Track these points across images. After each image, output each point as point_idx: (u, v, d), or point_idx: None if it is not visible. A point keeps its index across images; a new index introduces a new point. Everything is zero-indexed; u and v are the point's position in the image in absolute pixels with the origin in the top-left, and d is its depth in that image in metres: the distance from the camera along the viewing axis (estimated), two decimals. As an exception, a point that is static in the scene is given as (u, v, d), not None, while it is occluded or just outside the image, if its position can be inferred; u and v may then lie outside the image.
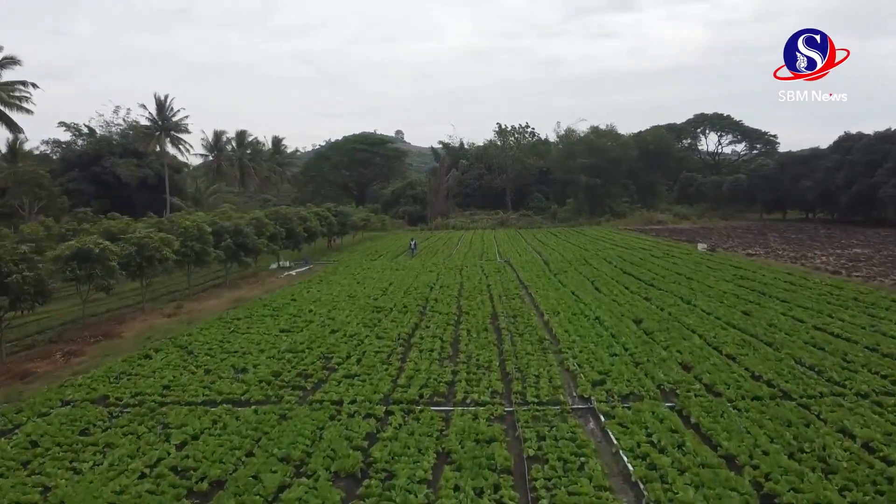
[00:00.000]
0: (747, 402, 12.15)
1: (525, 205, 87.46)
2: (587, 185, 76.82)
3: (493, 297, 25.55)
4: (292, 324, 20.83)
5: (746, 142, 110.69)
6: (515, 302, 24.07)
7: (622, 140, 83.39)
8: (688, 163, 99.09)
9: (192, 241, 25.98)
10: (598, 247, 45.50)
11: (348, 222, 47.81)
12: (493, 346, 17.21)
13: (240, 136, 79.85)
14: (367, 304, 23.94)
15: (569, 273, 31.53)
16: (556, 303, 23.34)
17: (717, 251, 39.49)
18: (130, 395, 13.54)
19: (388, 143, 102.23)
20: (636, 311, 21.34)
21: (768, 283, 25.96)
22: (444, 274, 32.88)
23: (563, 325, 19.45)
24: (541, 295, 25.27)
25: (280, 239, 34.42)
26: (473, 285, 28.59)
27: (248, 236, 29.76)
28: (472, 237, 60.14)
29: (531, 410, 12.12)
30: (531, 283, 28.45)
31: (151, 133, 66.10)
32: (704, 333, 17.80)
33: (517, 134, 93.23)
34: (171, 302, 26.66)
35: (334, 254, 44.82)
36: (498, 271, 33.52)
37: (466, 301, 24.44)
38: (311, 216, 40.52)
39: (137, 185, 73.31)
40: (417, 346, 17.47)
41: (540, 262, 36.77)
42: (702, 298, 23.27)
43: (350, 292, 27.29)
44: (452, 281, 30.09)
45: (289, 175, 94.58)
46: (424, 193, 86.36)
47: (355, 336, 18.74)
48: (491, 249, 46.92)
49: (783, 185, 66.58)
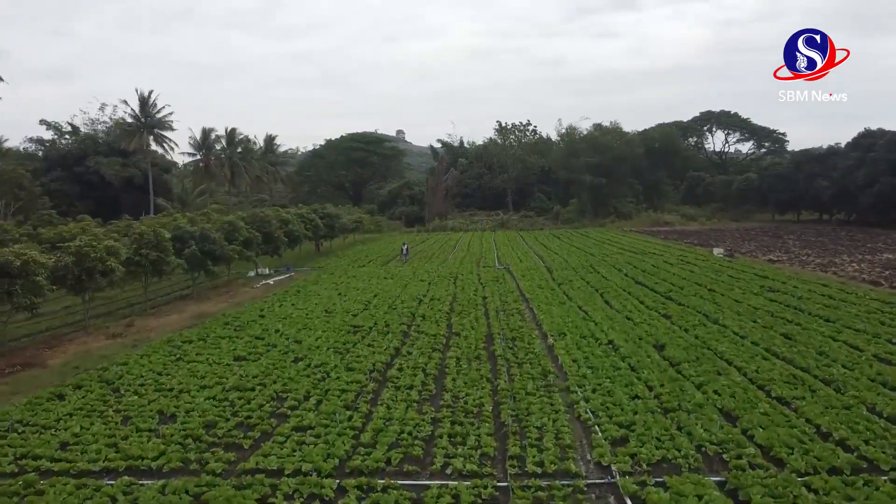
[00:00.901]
0: (823, 479, 8.99)
1: (526, 205, 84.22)
2: (591, 185, 73.55)
3: (490, 312, 22.43)
4: (251, 349, 17.71)
5: (754, 140, 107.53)
6: (514, 319, 20.93)
7: (627, 137, 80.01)
8: (694, 162, 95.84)
9: (146, 249, 22.85)
10: (605, 251, 42.30)
11: (337, 225, 44.60)
12: (486, 382, 14.08)
13: (230, 133, 76.72)
14: (344, 323, 20.80)
15: (574, 283, 28.37)
16: (562, 321, 20.19)
17: (736, 257, 36.28)
18: (11, 461, 10.42)
19: (385, 142, 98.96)
20: (656, 332, 18.18)
21: (803, 297, 22.74)
22: (437, 283, 29.74)
23: (570, 352, 16.30)
24: (543, 310, 22.13)
25: (256, 244, 31.29)
26: (468, 297, 25.46)
27: (217, 242, 26.60)
28: (470, 240, 56.99)
29: (533, 489, 9.00)
30: (533, 296, 25.29)
31: (134, 130, 62.95)
32: (743, 366, 14.62)
33: (518, 132, 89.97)
34: (125, 318, 23.56)
35: (321, 259, 41.69)
36: (496, 280, 30.38)
37: (458, 318, 21.29)
38: (295, 219, 37.38)
39: (123, 185, 70.37)
40: (394, 381, 14.35)
41: (542, 269, 33.61)
42: (730, 316, 20.09)
43: (328, 306, 24.16)
44: (445, 292, 26.94)
45: (282, 175, 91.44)
46: (422, 194, 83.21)
47: (322, 367, 15.62)
48: (490, 254, 43.77)
49: (798, 184, 63.29)
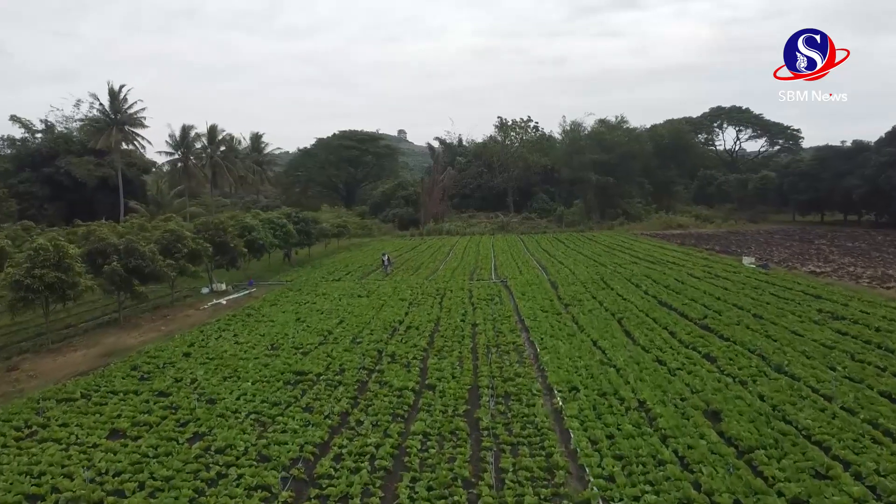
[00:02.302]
0: None
1: (528, 206, 79.06)
2: (597, 184, 68.37)
3: (479, 347, 17.51)
4: (143, 413, 12.80)
5: (767, 137, 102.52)
6: (509, 362, 15.99)
7: (635, 133, 74.75)
8: (705, 159, 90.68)
9: (43, 269, 17.93)
10: (617, 259, 37.24)
11: (314, 231, 39.60)
12: (460, 489, 9.15)
13: (211, 131, 71.60)
14: (287, 367, 15.86)
15: (584, 303, 23.37)
16: (572, 365, 15.25)
17: (771, 268, 31.20)
18: None
19: (378, 140, 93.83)
20: (702, 388, 13.19)
21: (883, 329, 17.69)
22: (420, 303, 24.79)
23: (586, 425, 11.39)
24: (548, 346, 17.19)
25: (204, 256, 26.36)
26: (454, 325, 20.50)
27: (146, 257, 21.66)
28: (466, 245, 51.98)
29: None
30: (534, 323, 20.31)
31: (103, 127, 58.13)
32: (853, 460, 9.63)
33: (519, 128, 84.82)
34: (19, 355, 18.64)
35: (293, 270, 36.71)
36: (491, 299, 25.42)
37: (437, 360, 16.34)
38: (260, 225, 32.43)
39: (97, 186, 65.74)
40: (321, 485, 9.43)
41: (545, 284, 28.62)
42: (796, 359, 15.07)
43: (277, 338, 19.22)
44: (426, 317, 21.97)
45: (270, 175, 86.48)
46: (417, 195, 78.13)
47: (223, 452, 10.70)
48: (486, 263, 38.78)
49: (823, 183, 58.09)
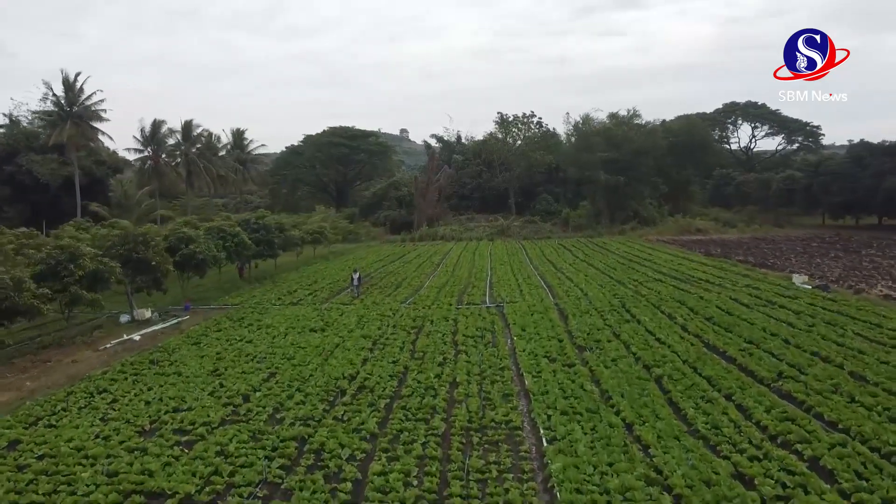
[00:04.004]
0: None
1: (531, 208, 72.87)
2: (607, 184, 62.14)
3: (454, 435, 11.54)
4: None
5: (784, 134, 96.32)
6: (500, 465, 10.02)
7: (648, 128, 68.45)
8: (721, 158, 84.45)
9: None
10: (636, 275, 31.17)
11: (277, 239, 33.58)
12: None
13: (186, 126, 65.80)
14: (136, 487, 9.91)
15: (606, 349, 17.37)
16: (598, 484, 9.31)
17: (832, 290, 25.10)
18: None
19: (370, 137, 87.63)
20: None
21: None
22: (387, 344, 18.82)
23: None
24: (559, 436, 11.29)
25: (112, 278, 20.44)
26: (425, 385, 14.58)
27: (7, 286, 15.71)
28: (461, 253, 45.98)
29: None
30: (538, 384, 14.33)
31: (56, 120, 52.33)
32: None
33: (521, 124, 78.60)
34: None
35: (246, 289, 30.58)
36: (481, 335, 19.46)
37: (386, 462, 10.36)
38: (202, 235, 26.45)
39: (60, 186, 59.94)
40: None
41: (551, 312, 22.60)
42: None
43: (161, 413, 13.26)
44: (389, 369, 16.00)
45: (254, 174, 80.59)
46: (411, 195, 72.12)
47: None
48: (480, 277, 32.77)
49: (861, 182, 51.89)
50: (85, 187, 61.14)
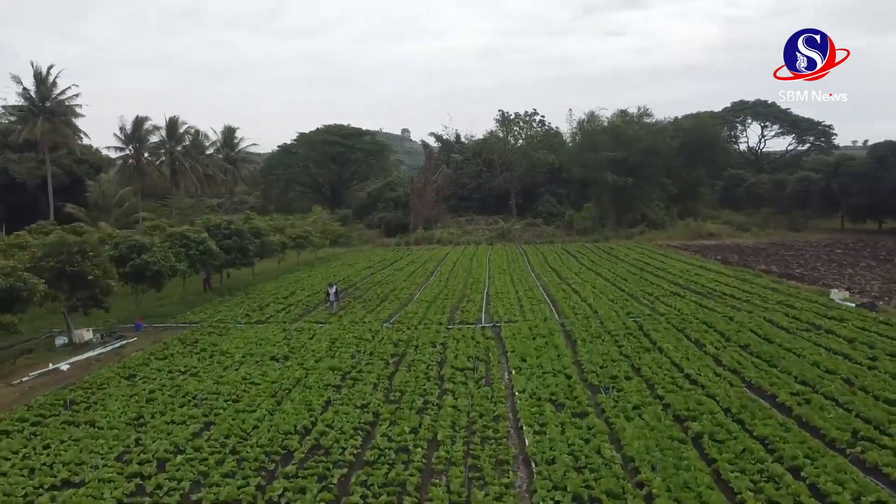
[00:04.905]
0: None
1: (533, 210, 69.54)
2: (614, 185, 58.78)
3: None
4: None
5: (795, 134, 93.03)
6: None
7: (658, 126, 65.04)
8: (730, 158, 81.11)
9: None
10: (651, 288, 27.90)
11: (252, 246, 30.35)
12: None
13: (171, 123, 62.53)
14: None
15: (622, 384, 14.13)
16: None
17: (881, 308, 21.82)
18: None
19: (366, 135, 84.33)
20: None
21: None
22: (358, 380, 15.57)
23: None
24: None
25: (34, 296, 17.24)
26: (397, 444, 11.34)
27: None
28: (457, 259, 42.72)
29: None
30: (541, 446, 11.11)
31: (26, 116, 49.18)
32: None
33: (523, 122, 75.20)
34: None
35: (211, 303, 27.29)
36: (473, 367, 16.20)
37: None
38: (157, 245, 23.21)
39: (38, 186, 56.87)
40: None
41: (557, 336, 19.30)
42: None
43: (42, 486, 10.06)
44: (354, 419, 12.75)
45: (245, 174, 77.30)
46: (407, 196, 68.85)
47: None
48: (477, 288, 29.52)
49: (885, 184, 48.55)
50: (66, 187, 58.12)
